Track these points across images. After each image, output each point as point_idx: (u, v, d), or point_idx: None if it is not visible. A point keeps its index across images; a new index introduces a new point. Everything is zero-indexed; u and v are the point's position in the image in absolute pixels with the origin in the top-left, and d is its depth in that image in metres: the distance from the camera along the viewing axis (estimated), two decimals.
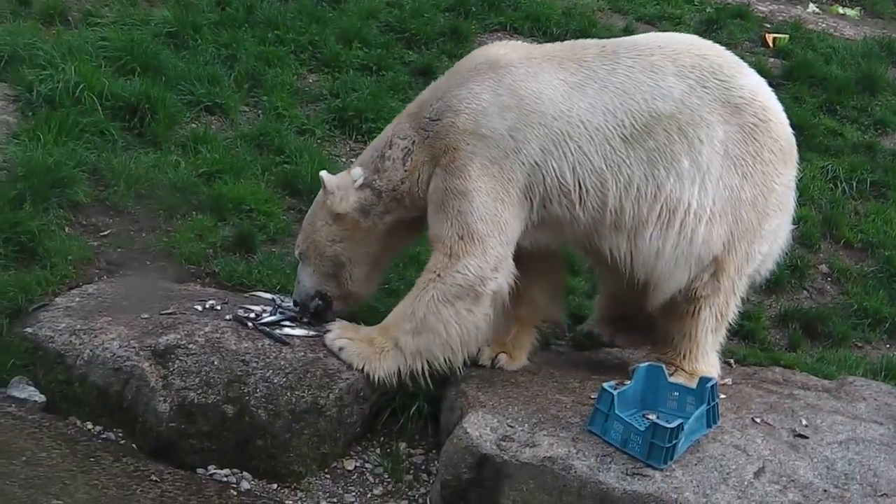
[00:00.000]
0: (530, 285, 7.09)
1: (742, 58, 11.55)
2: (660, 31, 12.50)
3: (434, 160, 6.77)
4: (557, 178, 6.65)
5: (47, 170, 8.12)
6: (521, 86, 6.69)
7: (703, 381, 6.60)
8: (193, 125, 9.49)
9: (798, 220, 9.51)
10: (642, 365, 6.73)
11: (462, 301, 6.62)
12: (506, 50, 6.97)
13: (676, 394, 6.63)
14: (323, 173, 7.02)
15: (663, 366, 6.76)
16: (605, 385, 6.39)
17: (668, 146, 6.68)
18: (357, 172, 6.97)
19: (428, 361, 6.70)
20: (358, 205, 6.95)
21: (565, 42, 7.25)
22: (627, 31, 12.11)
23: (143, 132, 9.15)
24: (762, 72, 11.41)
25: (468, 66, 6.91)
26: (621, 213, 6.72)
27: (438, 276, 6.63)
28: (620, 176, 6.67)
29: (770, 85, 11.21)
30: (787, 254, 8.97)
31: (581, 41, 7.14)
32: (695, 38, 7.24)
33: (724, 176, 6.73)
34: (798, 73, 12.07)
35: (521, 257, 6.86)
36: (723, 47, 7.21)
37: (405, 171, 6.87)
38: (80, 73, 9.15)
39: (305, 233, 7.13)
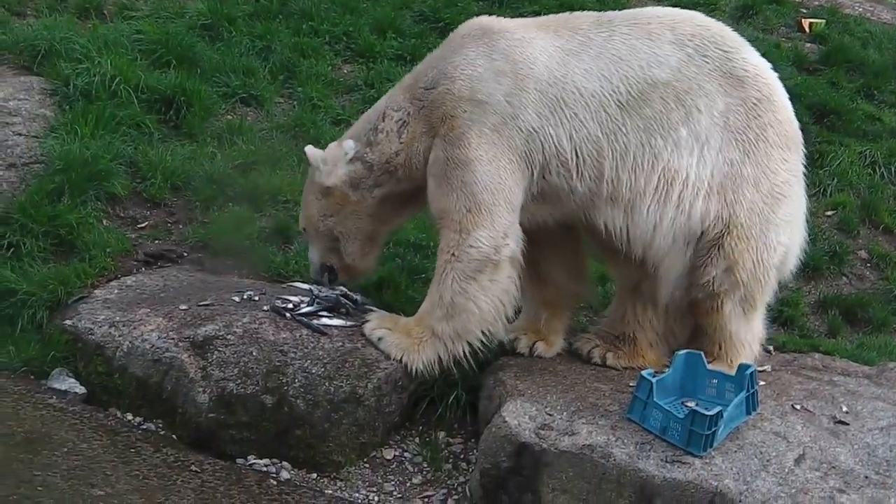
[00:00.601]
0: (550, 268, 7.10)
1: (778, 44, 11.70)
2: None
3: (431, 130, 6.72)
4: (555, 145, 6.57)
5: (85, 163, 8.17)
6: (516, 51, 6.61)
7: (743, 367, 6.53)
8: (229, 117, 9.52)
9: (836, 206, 9.53)
10: (681, 352, 6.65)
11: (483, 273, 6.57)
12: (500, 20, 6.90)
13: (715, 381, 6.57)
14: (308, 148, 7.03)
15: (702, 353, 6.66)
16: (644, 373, 6.34)
17: (664, 114, 6.56)
18: (349, 145, 6.90)
19: (468, 342, 6.68)
20: (347, 178, 6.90)
21: (560, 14, 7.14)
22: None
23: (178, 124, 9.19)
24: (798, 57, 11.53)
25: (462, 34, 6.84)
26: (618, 183, 6.60)
27: (453, 255, 6.59)
28: (616, 144, 6.56)
29: (806, 70, 11.32)
30: (826, 239, 9.03)
31: (577, 13, 7.05)
32: (698, 13, 7.06)
33: (724, 149, 6.60)
34: (835, 58, 11.97)
35: (537, 240, 6.84)
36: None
37: (401, 143, 6.81)
38: (116, 67, 9.20)
39: (302, 209, 7.18)
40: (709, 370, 6.63)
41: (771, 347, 7.79)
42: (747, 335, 6.99)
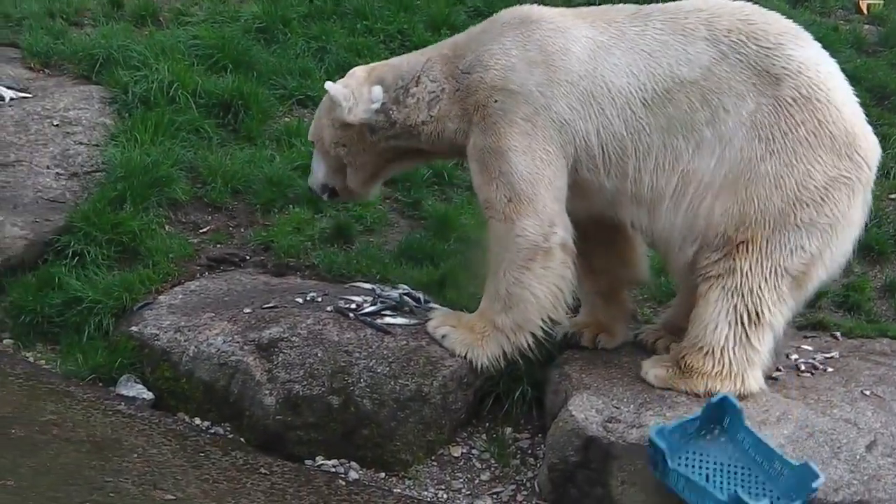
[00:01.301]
0: (602, 258, 7.05)
1: (836, 27, 11.56)
2: (751, 2, 12.37)
3: (466, 115, 6.69)
4: (584, 140, 6.51)
5: (146, 169, 8.25)
6: (549, 41, 6.54)
7: (715, 402, 6.06)
8: (286, 119, 9.56)
9: None
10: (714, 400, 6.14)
11: (535, 262, 6.53)
12: (538, 9, 6.82)
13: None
14: (329, 84, 6.94)
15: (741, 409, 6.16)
16: (653, 432, 5.95)
17: (689, 114, 6.41)
18: (378, 94, 6.83)
19: (530, 331, 6.65)
20: (367, 122, 6.86)
21: (602, 5, 7.05)
22: None
23: (237, 128, 9.25)
24: (857, 40, 11.39)
25: (501, 21, 6.77)
26: (640, 184, 6.51)
27: (503, 246, 6.58)
28: (640, 144, 6.47)
29: (865, 53, 11.16)
30: (890, 223, 8.92)
31: (620, 5, 6.94)
32: (754, 7, 6.70)
33: (745, 147, 6.37)
34: (894, 40, 11.79)
35: (586, 232, 6.76)
36: (783, 17, 6.67)
37: (430, 115, 6.77)
38: (174, 72, 9.28)
39: (315, 125, 7.19)
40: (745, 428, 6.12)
41: (838, 333, 7.72)
42: (735, 347, 6.47)
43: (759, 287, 6.41)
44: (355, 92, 6.87)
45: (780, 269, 6.41)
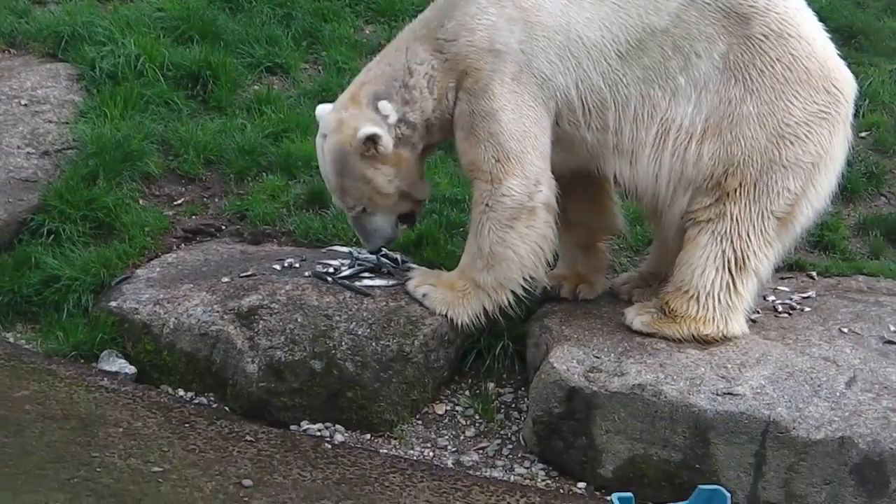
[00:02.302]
0: (577, 210, 7.04)
1: None
2: None
3: (457, 84, 6.63)
4: (565, 94, 6.51)
5: (117, 144, 8.23)
6: None
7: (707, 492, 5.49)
8: (256, 87, 9.53)
9: (870, 126, 9.43)
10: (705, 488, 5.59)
11: (519, 221, 6.54)
12: None
13: None
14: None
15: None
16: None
17: (662, 63, 6.44)
18: (387, 107, 6.67)
19: (511, 290, 6.67)
20: (396, 140, 6.68)
21: None
22: None
23: (206, 99, 9.21)
24: None
25: None
26: (621, 135, 6.53)
27: (487, 205, 6.56)
28: (618, 95, 6.48)
29: None
30: (861, 160, 8.94)
31: None
32: None
33: (722, 89, 6.41)
34: None
35: (560, 185, 6.73)
36: None
37: (434, 99, 6.68)
38: (140, 46, 9.22)
39: (357, 190, 6.74)
40: None
41: (814, 273, 7.78)
42: (720, 293, 6.54)
43: (748, 232, 6.48)
44: (370, 121, 6.65)
45: (767, 213, 6.47)
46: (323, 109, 6.97)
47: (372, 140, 6.58)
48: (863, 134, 9.40)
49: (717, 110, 6.42)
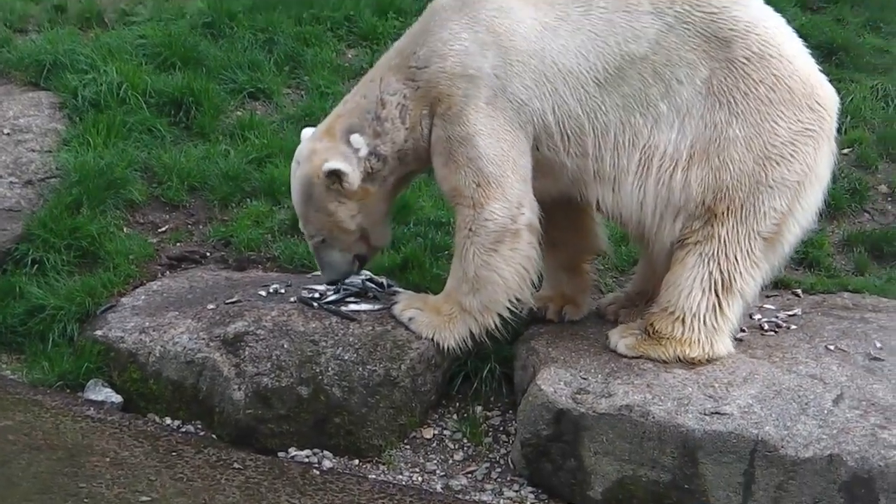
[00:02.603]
0: (560, 231, 7.00)
1: None
2: None
3: (431, 110, 6.64)
4: (541, 119, 6.50)
5: (100, 172, 8.24)
6: (496, 21, 6.52)
7: None
8: (239, 113, 9.54)
9: (852, 143, 9.47)
10: None
11: (503, 244, 6.54)
12: None
13: None
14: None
15: None
16: None
17: (643, 90, 6.43)
18: (358, 140, 6.70)
19: (497, 312, 6.66)
20: (364, 173, 6.72)
21: None
22: None
23: (189, 125, 9.23)
24: None
25: (442, 6, 6.69)
26: (602, 161, 6.52)
27: (471, 230, 6.56)
28: (597, 122, 6.47)
29: (811, 10, 11.22)
30: (845, 177, 8.97)
31: None
32: None
33: (707, 114, 6.38)
34: None
35: (543, 208, 6.72)
36: None
37: (406, 129, 6.69)
38: (122, 73, 9.26)
39: (319, 221, 6.81)
40: None
41: (799, 290, 7.78)
42: (706, 314, 6.52)
43: (735, 254, 6.46)
44: (334, 154, 6.69)
45: (754, 233, 6.46)
46: (305, 133, 7.01)
47: (336, 175, 6.62)
48: (845, 150, 9.43)
49: (703, 135, 6.40)
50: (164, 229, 8.30)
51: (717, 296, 6.48)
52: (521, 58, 6.48)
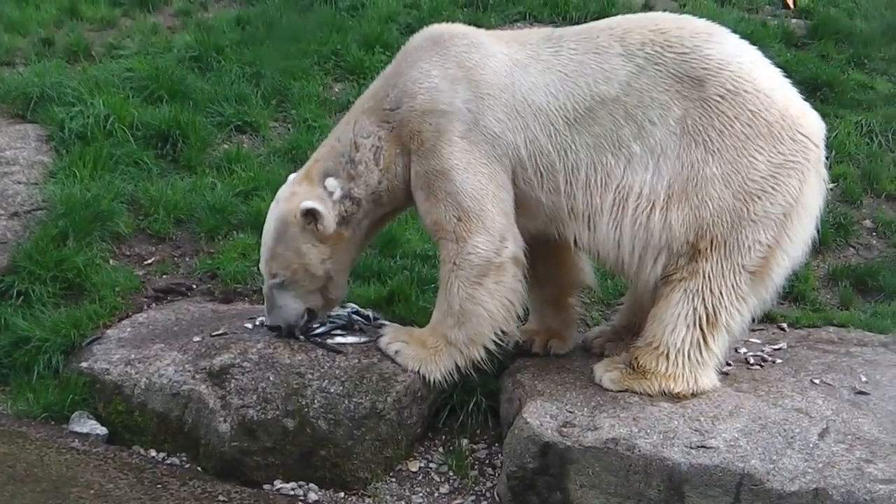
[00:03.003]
0: (545, 266, 7.04)
1: (764, 22, 11.70)
2: (679, 4, 12.49)
3: (405, 149, 6.69)
4: (515, 152, 6.53)
5: (86, 204, 8.24)
6: (465, 56, 6.58)
7: None
8: (226, 146, 9.57)
9: (837, 178, 9.51)
10: None
11: (487, 277, 6.56)
12: (448, 27, 6.89)
13: None
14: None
15: None
16: None
17: (614, 131, 6.43)
18: (332, 184, 6.75)
19: (483, 345, 6.67)
20: (339, 217, 6.76)
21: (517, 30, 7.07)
22: (647, 8, 12.09)
23: (176, 158, 9.25)
24: (786, 34, 11.55)
25: (413, 47, 6.79)
26: (574, 199, 6.53)
27: (455, 264, 6.58)
28: (567, 160, 6.49)
29: (795, 46, 11.29)
30: (830, 212, 8.99)
31: (533, 29, 6.95)
32: (664, 14, 6.86)
33: (683, 154, 6.37)
34: (823, 31, 11.97)
35: (528, 243, 6.76)
36: (697, 18, 6.77)
37: (380, 170, 6.73)
38: (109, 106, 9.29)
39: (286, 262, 6.76)
40: None
41: (785, 324, 7.81)
42: (690, 350, 6.52)
43: (720, 289, 6.45)
44: (308, 200, 6.70)
45: (738, 268, 6.45)
46: (291, 178, 7.02)
47: (313, 215, 6.65)
48: (831, 185, 9.46)
49: (681, 175, 6.40)
50: (150, 261, 8.29)
51: (701, 331, 6.48)
52: (492, 91, 6.53)
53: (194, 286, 8.09)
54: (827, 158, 8.80)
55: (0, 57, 10.49)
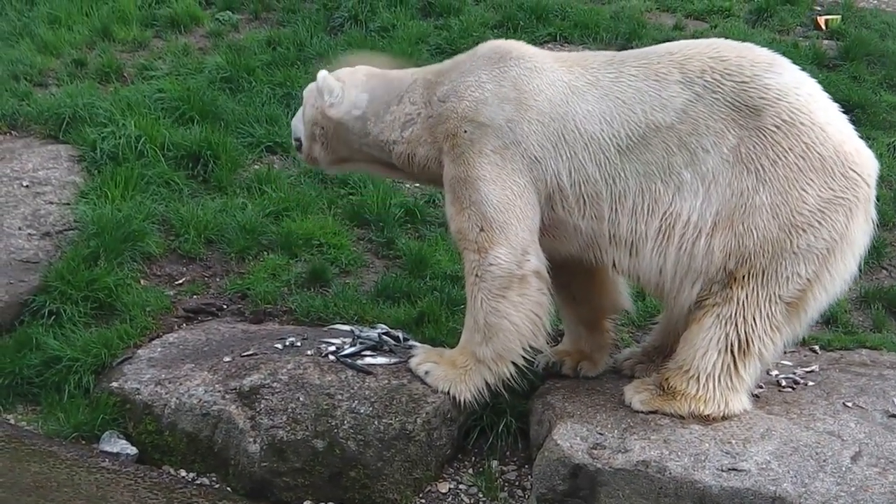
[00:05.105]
0: (581, 287, 7.07)
1: (796, 44, 11.65)
2: (710, 25, 12.46)
3: (436, 143, 6.76)
4: (556, 179, 6.54)
5: (118, 225, 8.27)
6: (524, 80, 6.59)
7: None
8: (256, 166, 9.59)
9: None
10: None
11: (511, 290, 6.54)
12: (518, 45, 6.90)
13: None
14: (322, 73, 7.15)
15: None
16: None
17: (666, 159, 6.40)
18: (362, 101, 6.99)
19: (512, 361, 6.66)
20: (345, 123, 7.02)
21: (582, 52, 7.09)
22: (678, 29, 12.11)
23: (207, 178, 9.28)
24: (817, 55, 11.49)
25: (481, 54, 6.84)
26: (618, 226, 6.51)
27: (477, 276, 6.58)
28: (615, 188, 6.48)
29: (826, 67, 11.23)
30: None
31: (596, 52, 6.97)
32: (726, 42, 6.76)
33: (734, 182, 6.33)
34: (854, 53, 11.88)
35: (564, 263, 6.79)
36: (759, 46, 6.76)
37: (402, 137, 6.88)
38: (141, 127, 9.33)
39: (308, 89, 7.31)
40: None
41: (817, 347, 7.75)
42: (720, 375, 6.49)
43: (753, 316, 6.41)
44: (345, 90, 7.01)
45: (775, 297, 6.40)
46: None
47: (324, 87, 7.02)
48: None
49: (729, 203, 6.35)
50: (181, 282, 8.31)
51: (732, 356, 6.45)
52: (543, 119, 6.53)
53: (225, 306, 8.10)
54: None
55: (33, 78, 10.53)
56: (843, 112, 10.11)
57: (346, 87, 7.02)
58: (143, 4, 12.13)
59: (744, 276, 6.36)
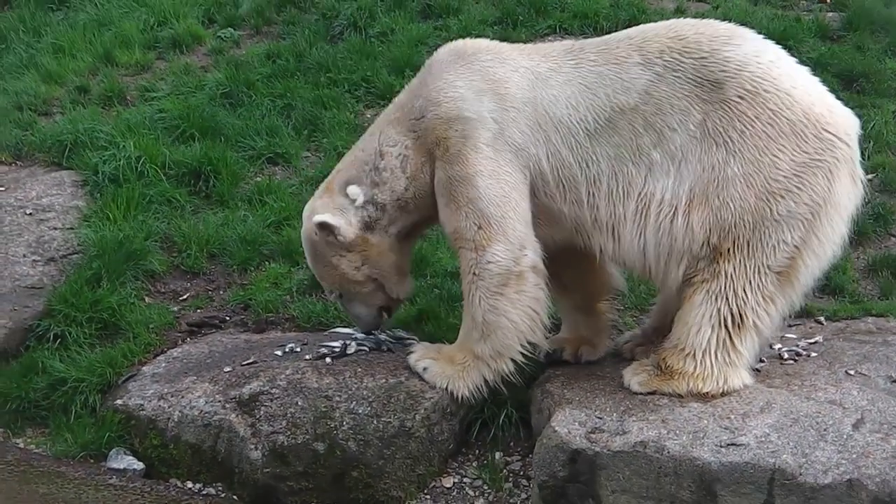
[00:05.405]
0: (572, 274, 7.04)
1: (798, 18, 11.57)
2: (712, 6, 12.39)
3: (431, 157, 6.72)
4: (537, 165, 6.56)
5: (119, 245, 8.36)
6: (490, 70, 6.62)
7: None
8: (258, 178, 9.63)
9: (876, 168, 9.35)
10: None
11: (508, 287, 6.54)
12: (472, 41, 6.97)
13: None
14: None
15: None
16: None
17: (634, 140, 6.42)
18: (354, 191, 6.83)
19: (510, 357, 6.65)
20: (362, 223, 6.86)
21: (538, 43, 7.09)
22: (679, 12, 11.99)
23: (209, 193, 9.34)
24: (820, 28, 11.41)
25: (438, 60, 6.85)
26: (598, 210, 6.53)
27: (475, 274, 6.57)
28: (589, 172, 6.50)
29: (831, 39, 11.16)
30: (868, 202, 8.84)
31: (555, 42, 6.96)
32: (685, 21, 6.83)
33: (704, 157, 6.32)
34: (858, 22, 11.77)
35: (553, 252, 6.76)
36: (719, 21, 6.81)
37: (407, 178, 6.80)
38: (141, 147, 9.41)
39: (328, 276, 7.03)
40: None
41: (822, 318, 7.70)
42: (716, 351, 6.47)
43: (744, 289, 6.38)
44: (337, 208, 6.88)
45: (763, 268, 6.37)
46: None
47: (327, 228, 6.78)
48: (869, 176, 9.32)
49: (701, 178, 6.35)
50: (185, 297, 8.37)
51: (727, 331, 6.42)
52: (516, 104, 6.55)
53: (228, 318, 8.15)
54: (865, 149, 8.82)
55: (37, 107, 10.62)
56: (848, 82, 10.14)
57: (327, 206, 6.91)
58: (146, 27, 12.20)
59: (729, 250, 6.33)
